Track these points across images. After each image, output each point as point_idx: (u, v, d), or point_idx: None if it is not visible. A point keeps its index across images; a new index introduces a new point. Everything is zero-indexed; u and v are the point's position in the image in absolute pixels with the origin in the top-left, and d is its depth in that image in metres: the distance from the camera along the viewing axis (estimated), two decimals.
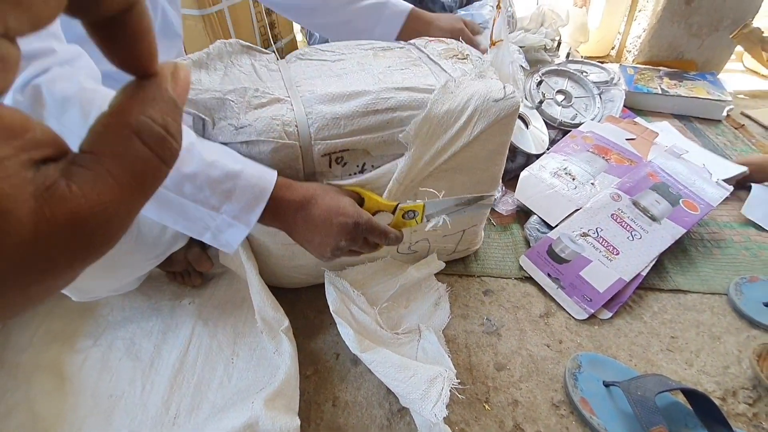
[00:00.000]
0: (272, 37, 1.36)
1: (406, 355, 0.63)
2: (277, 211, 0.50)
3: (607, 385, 0.60)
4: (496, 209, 0.90)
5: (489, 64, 0.64)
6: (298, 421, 0.54)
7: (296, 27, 1.64)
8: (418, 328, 0.65)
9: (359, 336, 0.61)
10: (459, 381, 0.56)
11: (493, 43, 0.80)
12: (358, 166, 0.57)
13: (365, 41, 0.70)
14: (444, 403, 0.51)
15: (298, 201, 0.50)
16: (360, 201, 0.54)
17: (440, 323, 0.69)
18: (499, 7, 0.81)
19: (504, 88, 0.58)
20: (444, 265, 0.77)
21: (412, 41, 0.72)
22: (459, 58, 0.64)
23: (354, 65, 0.62)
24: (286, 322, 0.63)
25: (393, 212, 0.54)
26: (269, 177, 0.49)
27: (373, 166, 0.58)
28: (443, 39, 0.71)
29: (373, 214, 0.54)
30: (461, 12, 1.14)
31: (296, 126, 0.51)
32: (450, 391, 0.53)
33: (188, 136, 0.48)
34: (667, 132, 1.13)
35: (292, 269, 0.69)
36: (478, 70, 0.61)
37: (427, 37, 0.74)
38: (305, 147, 0.52)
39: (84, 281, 0.59)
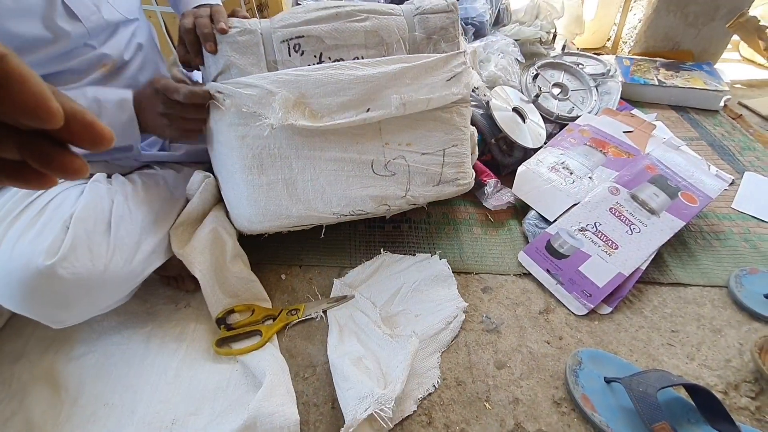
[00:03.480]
0: None
1: (395, 354, 0.62)
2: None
3: (608, 381, 0.60)
4: (486, 205, 0.88)
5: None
6: (297, 417, 0.54)
7: None
8: (413, 335, 0.64)
9: (339, 341, 0.65)
10: (397, 410, 0.57)
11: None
12: (315, 56, 0.65)
13: None
14: (358, 420, 0.52)
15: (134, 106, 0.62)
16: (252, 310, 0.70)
17: (442, 343, 0.67)
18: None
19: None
20: (448, 267, 0.77)
21: None
22: None
23: None
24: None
25: (278, 314, 0.70)
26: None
27: (330, 57, 0.66)
28: None
29: (264, 319, 0.70)
30: None
31: (259, 21, 0.65)
32: (378, 414, 0.53)
33: None
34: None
35: (267, 188, 0.68)
36: None
37: None
38: (266, 34, 0.64)
39: (61, 312, 0.57)
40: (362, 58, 0.66)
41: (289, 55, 0.64)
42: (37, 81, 0.17)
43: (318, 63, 0.65)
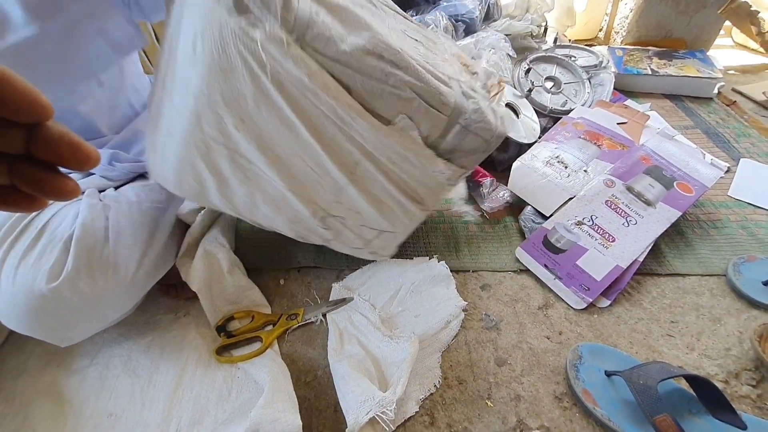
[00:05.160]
0: None
1: (395, 356, 0.62)
2: None
3: (609, 374, 0.60)
4: (483, 207, 0.89)
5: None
6: (299, 422, 0.54)
7: None
8: (413, 336, 0.64)
9: (339, 345, 0.65)
10: (399, 412, 0.57)
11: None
12: None
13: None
14: (360, 424, 0.53)
15: None
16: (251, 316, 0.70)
17: (443, 343, 0.67)
18: (501, 84, 0.77)
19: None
20: (446, 267, 0.77)
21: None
22: (468, 69, 0.63)
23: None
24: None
25: (278, 320, 0.70)
26: None
27: None
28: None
29: (263, 325, 0.70)
30: (444, 3, 1.12)
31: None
32: (380, 417, 0.53)
33: None
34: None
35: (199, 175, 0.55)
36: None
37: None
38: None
39: (68, 331, 0.58)
40: None
41: None
42: (23, 80, 0.18)
43: None
